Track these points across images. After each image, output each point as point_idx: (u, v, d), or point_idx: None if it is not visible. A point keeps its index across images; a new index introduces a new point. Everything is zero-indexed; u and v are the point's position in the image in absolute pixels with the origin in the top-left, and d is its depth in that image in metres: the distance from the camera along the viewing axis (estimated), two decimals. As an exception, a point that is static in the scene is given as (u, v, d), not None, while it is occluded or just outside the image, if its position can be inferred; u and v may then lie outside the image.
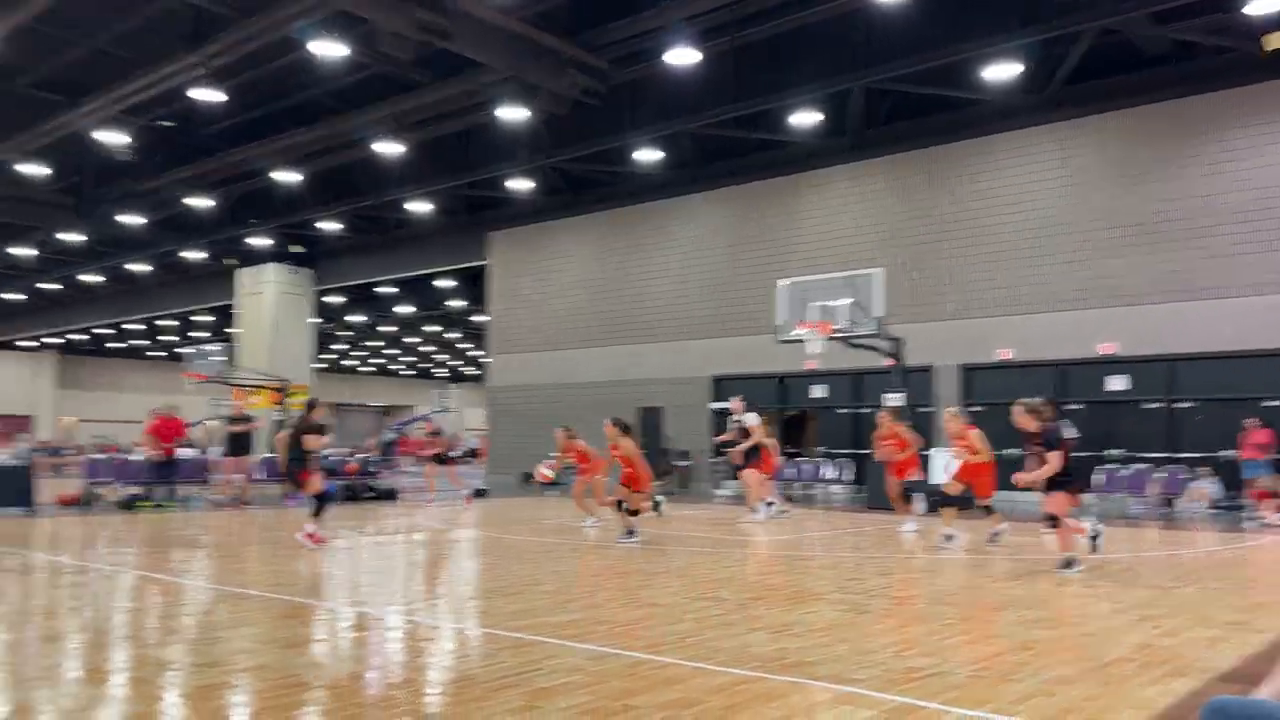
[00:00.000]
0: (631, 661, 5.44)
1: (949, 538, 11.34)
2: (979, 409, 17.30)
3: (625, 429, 12.02)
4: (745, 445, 14.59)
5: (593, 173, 24.23)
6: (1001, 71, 17.23)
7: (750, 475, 14.76)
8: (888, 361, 17.15)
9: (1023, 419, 9.32)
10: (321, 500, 11.52)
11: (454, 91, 18.99)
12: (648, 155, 21.85)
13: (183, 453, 18.86)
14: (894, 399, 16.11)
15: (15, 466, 17.50)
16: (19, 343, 48.85)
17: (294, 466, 11.53)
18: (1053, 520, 9.28)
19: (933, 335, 19.38)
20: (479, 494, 20.24)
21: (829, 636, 6.22)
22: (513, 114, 19.33)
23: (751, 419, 14.70)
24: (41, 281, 37.68)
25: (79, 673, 5.45)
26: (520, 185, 24.43)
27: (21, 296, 41.19)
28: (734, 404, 15.27)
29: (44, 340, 48.90)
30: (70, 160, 23.64)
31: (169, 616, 7.25)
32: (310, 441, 11.44)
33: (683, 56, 16.91)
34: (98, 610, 7.44)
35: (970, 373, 19.72)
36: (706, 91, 18.77)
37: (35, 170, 23.50)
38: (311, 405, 12.05)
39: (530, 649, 5.79)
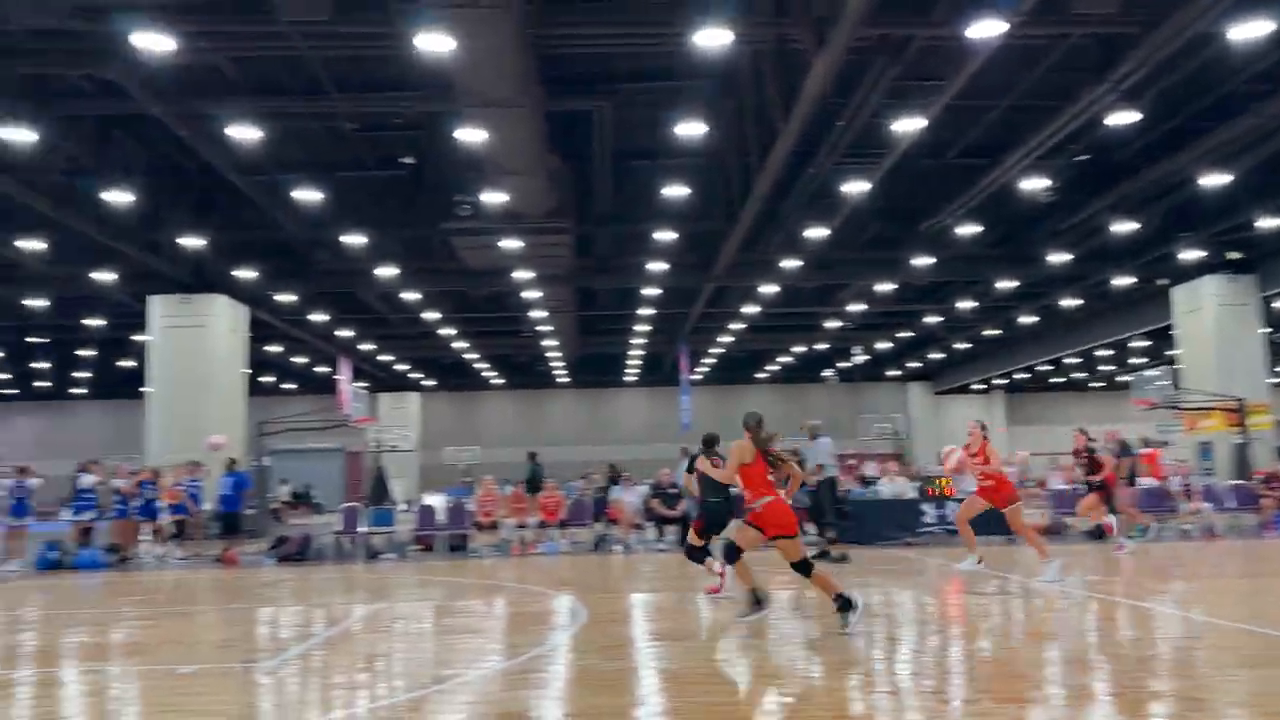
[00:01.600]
0: None
1: None
2: None
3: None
4: None
5: None
6: None
7: None
8: None
9: None
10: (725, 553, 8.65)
11: None
12: None
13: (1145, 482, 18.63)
14: None
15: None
16: (972, 386, 54.72)
17: (722, 508, 9.66)
18: None
19: None
20: None
21: None
22: None
23: None
24: (984, 329, 41.62)
25: (1061, 694, 5.68)
26: None
27: (968, 345, 46.09)
28: None
29: (991, 382, 53.76)
30: (996, 213, 25.68)
31: (1147, 646, 7.11)
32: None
33: None
34: (1074, 633, 7.70)
35: None
36: None
37: (969, 230, 26.21)
38: (713, 441, 10.04)
39: None
